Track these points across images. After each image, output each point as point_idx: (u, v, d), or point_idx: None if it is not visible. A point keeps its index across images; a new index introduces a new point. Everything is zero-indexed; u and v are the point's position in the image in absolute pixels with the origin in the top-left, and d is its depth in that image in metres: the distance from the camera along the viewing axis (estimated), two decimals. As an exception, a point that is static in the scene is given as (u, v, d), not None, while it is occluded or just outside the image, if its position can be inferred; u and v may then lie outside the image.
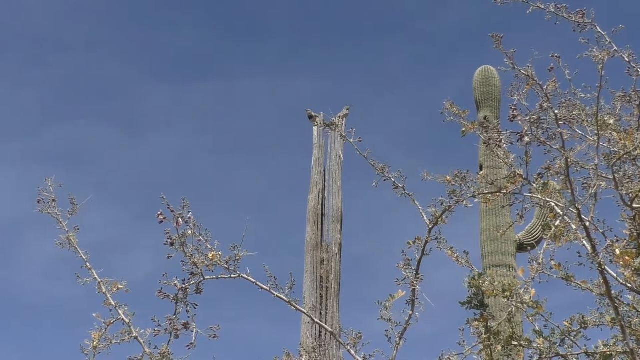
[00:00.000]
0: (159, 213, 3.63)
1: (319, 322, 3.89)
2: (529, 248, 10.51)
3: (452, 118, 4.42)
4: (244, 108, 24.02)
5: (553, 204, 3.78)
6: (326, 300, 9.00)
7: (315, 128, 10.64)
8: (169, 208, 3.65)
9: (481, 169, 11.04)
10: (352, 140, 3.87)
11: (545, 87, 3.48)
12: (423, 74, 24.52)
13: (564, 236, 3.83)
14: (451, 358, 3.51)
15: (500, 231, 6.34)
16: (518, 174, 3.86)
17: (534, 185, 3.74)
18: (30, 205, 4.14)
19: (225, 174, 23.35)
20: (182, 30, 23.60)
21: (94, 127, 23.23)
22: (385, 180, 3.77)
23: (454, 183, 3.86)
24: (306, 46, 24.60)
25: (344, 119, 9.47)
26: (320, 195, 10.03)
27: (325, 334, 8.54)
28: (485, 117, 10.99)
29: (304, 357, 6.43)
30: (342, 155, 10.44)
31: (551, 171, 3.59)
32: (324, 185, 10.19)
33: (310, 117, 10.50)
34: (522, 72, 3.50)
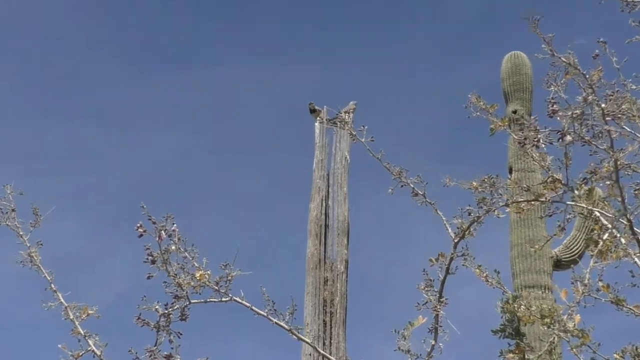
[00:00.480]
0: (139, 225, 3.63)
1: (325, 354, 3.89)
2: (569, 265, 10.50)
3: (478, 114, 4.43)
4: (229, 101, 24.01)
5: (599, 213, 3.79)
6: (330, 328, 8.98)
7: (317, 125, 10.63)
8: (150, 219, 3.66)
9: (511, 172, 11.05)
10: (363, 140, 3.88)
11: (590, 76, 3.49)
12: (441, 63, 24.53)
13: (612, 252, 3.83)
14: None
15: (536, 246, 6.32)
16: (556, 179, 3.86)
17: (576, 192, 3.74)
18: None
19: (213, 177, 23.34)
20: (155, 11, 23.63)
21: (61, 126, 23.24)
22: (402, 186, 3.78)
23: (481, 189, 3.86)
24: (303, 29, 24.63)
25: (351, 114, 9.46)
26: (324, 204, 10.01)
27: (329, 367, 8.53)
28: (514, 111, 11.00)
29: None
30: (348, 157, 10.43)
31: (597, 175, 3.59)
32: (328, 191, 10.17)
33: (313, 110, 10.49)
34: (563, 59, 3.51)
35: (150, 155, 23.31)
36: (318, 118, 10.69)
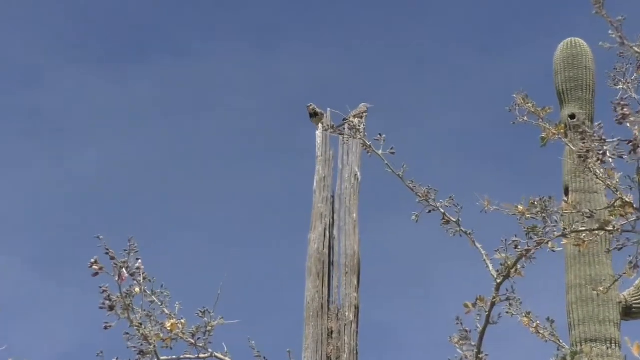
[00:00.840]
0: (93, 261, 3.67)
1: None
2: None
3: (525, 119, 4.48)
4: (203, 99, 24.07)
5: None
6: (336, 395, 9.01)
7: (318, 133, 10.66)
8: (107, 253, 3.69)
9: (567, 194, 11.08)
10: (380, 152, 3.91)
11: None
12: (476, 55, 24.60)
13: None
14: None
15: (600, 288, 6.39)
16: (627, 202, 3.89)
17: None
18: None
19: (184, 197, 23.37)
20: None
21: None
22: (430, 211, 3.81)
23: (530, 216, 3.89)
24: (302, 13, 24.72)
25: (363, 119, 9.48)
26: (327, 234, 10.03)
27: None
28: (572, 116, 11.03)
29: None
30: (359, 174, 10.45)
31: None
32: (333, 218, 10.20)
33: (314, 114, 10.53)
34: (635, 48, 3.55)
35: (101, 168, 23.35)
36: (320, 124, 10.72)
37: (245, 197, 23.28)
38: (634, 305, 10.61)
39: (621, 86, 3.77)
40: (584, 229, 3.76)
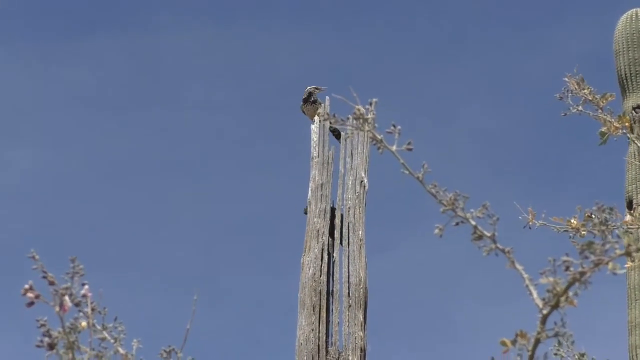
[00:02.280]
0: (27, 287, 3.67)
1: None
2: None
3: (579, 109, 4.51)
4: (168, 88, 24.13)
5: None
6: None
7: (314, 127, 10.68)
8: (45, 277, 3.70)
9: (630, 207, 11.14)
10: (394, 148, 3.92)
11: None
12: (507, 34, 24.66)
13: None
14: None
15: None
16: None
17: None
18: None
19: (140, 218, 23.40)
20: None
21: None
22: (458, 223, 3.81)
23: (586, 231, 3.92)
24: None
25: (372, 109, 9.45)
26: (326, 257, 10.08)
27: None
28: (637, 107, 11.08)
29: None
30: (366, 180, 10.48)
31: None
32: (333, 236, 10.24)
33: (312, 101, 10.56)
34: None
35: (34, 173, 23.39)
36: (317, 116, 10.74)
37: (220, 210, 23.33)
38: None
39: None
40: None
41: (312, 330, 9.59)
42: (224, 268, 22.34)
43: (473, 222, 3.81)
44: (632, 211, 10.80)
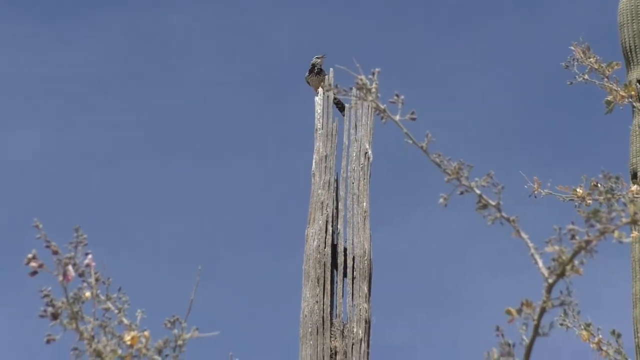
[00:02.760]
0: (31, 256, 3.68)
1: None
2: None
3: (585, 77, 4.50)
4: (173, 63, 24.07)
5: None
6: None
7: (318, 99, 10.67)
8: (48, 247, 3.71)
9: (635, 178, 11.12)
10: (397, 118, 3.92)
11: None
12: (515, 6, 24.59)
13: None
14: None
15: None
16: None
17: None
18: None
19: (144, 192, 23.40)
20: None
21: None
22: (462, 192, 3.81)
23: (593, 199, 3.91)
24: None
25: (375, 79, 9.38)
26: (330, 228, 10.07)
27: None
28: (641, 80, 11.06)
29: None
30: (371, 152, 10.47)
31: None
32: (337, 208, 10.24)
33: (316, 72, 10.55)
34: None
35: (39, 150, 23.38)
36: (321, 88, 10.72)
37: (225, 182, 23.31)
38: None
39: None
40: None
41: (317, 302, 9.58)
42: (229, 241, 22.34)
43: (478, 191, 3.80)
44: (635, 182, 10.80)
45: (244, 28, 24.44)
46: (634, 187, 4.12)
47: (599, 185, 3.96)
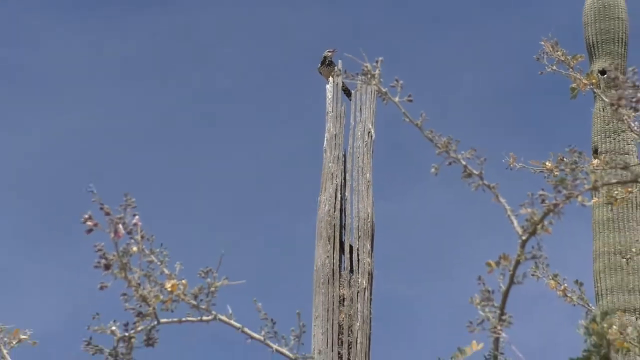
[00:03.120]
0: (87, 216, 3.64)
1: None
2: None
3: (554, 68, 4.44)
4: (204, 56, 24.01)
5: None
6: (348, 362, 9.02)
7: (328, 87, 10.63)
8: (101, 209, 3.67)
9: (596, 154, 11.06)
10: (397, 99, 3.87)
11: None
12: (495, 5, 24.51)
13: None
14: None
15: (630, 253, 6.39)
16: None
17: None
18: None
19: (181, 164, 23.38)
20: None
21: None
22: (450, 163, 3.77)
23: (559, 171, 3.87)
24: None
25: (378, 67, 9.34)
26: (339, 196, 10.04)
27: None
28: (602, 72, 10.98)
29: None
30: (373, 131, 10.43)
31: None
32: (344, 179, 10.21)
33: (327, 64, 10.51)
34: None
35: (90, 130, 23.34)
36: (331, 77, 10.68)
37: (250, 156, 23.30)
38: (666, 274, 10.64)
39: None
40: (616, 181, 3.73)
41: (328, 257, 9.56)
42: (255, 206, 22.33)
43: (463, 162, 3.77)
44: (595, 158, 10.75)
45: (269, 26, 24.37)
46: (595, 161, 4.06)
47: (565, 159, 3.90)
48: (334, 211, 9.85)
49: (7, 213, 22.13)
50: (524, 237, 3.65)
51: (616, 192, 4.00)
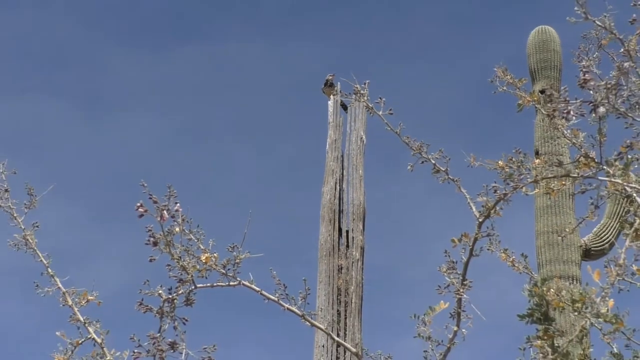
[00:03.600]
0: (139, 204, 3.61)
1: (340, 341, 3.88)
2: (599, 255, 10.45)
3: (504, 88, 4.40)
4: (236, 79, 23.96)
5: (634, 192, 3.74)
6: (345, 318, 8.97)
7: (330, 103, 10.60)
8: (151, 198, 3.64)
9: (537, 155, 10.98)
10: (380, 113, 3.85)
11: (627, 42, 3.44)
12: (462, 39, 24.45)
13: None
14: (508, 385, 3.47)
15: (566, 229, 6.26)
16: (590, 157, 3.82)
17: (611, 170, 3.70)
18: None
19: (216, 163, 23.35)
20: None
21: (44, 104, 23.20)
22: (423, 162, 3.75)
23: (508, 168, 3.84)
24: (313, 5, 24.56)
25: (366, 87, 9.35)
26: (338, 187, 10.00)
27: (344, 359, 8.52)
28: (542, 91, 10.92)
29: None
30: (364, 137, 10.40)
31: (634, 149, 3.55)
32: (342, 174, 10.17)
33: (330, 84, 10.49)
34: (598, 23, 3.46)
35: (143, 136, 23.31)
36: (332, 95, 10.67)
37: (270, 157, 23.28)
38: (592, 249, 10.57)
39: (584, 62, 3.69)
40: (552, 175, 3.70)
41: (329, 235, 9.52)
42: (272, 195, 22.32)
43: (433, 161, 3.75)
44: (538, 156, 10.72)
45: (283, 57, 24.35)
46: (537, 160, 4.02)
47: (513, 158, 3.87)
48: (334, 199, 9.81)
49: (87, 200, 22.16)
50: (480, 220, 3.63)
51: (553, 184, 3.96)
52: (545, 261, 10.31)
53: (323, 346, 8.61)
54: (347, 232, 9.69)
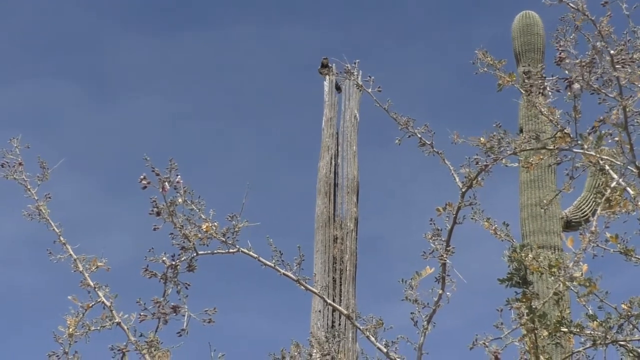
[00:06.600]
0: (142, 177, 3.61)
1: (335, 305, 3.89)
2: (579, 226, 10.46)
3: (485, 69, 4.40)
4: (236, 62, 23.91)
5: (607, 165, 3.75)
6: (340, 285, 9.00)
7: (326, 83, 10.58)
8: (153, 171, 3.64)
9: (521, 132, 10.98)
10: (370, 90, 3.84)
11: (599, 23, 3.43)
12: (450, 22, 24.38)
13: (620, 205, 3.79)
14: (487, 343, 3.49)
15: (544, 200, 6.26)
16: (565, 132, 3.83)
17: (586, 144, 3.70)
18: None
19: (218, 140, 23.33)
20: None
21: (57, 87, 23.15)
22: (409, 136, 3.75)
23: (490, 145, 3.84)
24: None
25: (356, 67, 9.28)
26: (333, 162, 10.01)
27: (339, 324, 8.55)
28: (526, 72, 10.90)
29: (316, 348, 6.44)
30: (358, 115, 10.38)
31: (606, 123, 3.55)
32: (337, 150, 10.16)
33: (325, 65, 10.47)
34: (571, 5, 3.45)
35: (150, 116, 23.29)
36: (327, 76, 10.65)
37: (267, 137, 23.28)
38: (572, 220, 10.61)
39: (561, 43, 3.68)
40: (529, 148, 3.70)
41: (325, 207, 9.54)
42: (272, 169, 22.35)
43: (419, 135, 3.75)
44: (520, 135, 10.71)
45: (281, 40, 24.29)
46: (521, 136, 4.03)
47: (494, 133, 3.87)
48: (330, 173, 9.82)
49: (99, 175, 22.19)
50: (463, 190, 3.64)
51: (531, 159, 3.96)
52: (529, 232, 10.34)
53: (320, 311, 8.63)
54: (342, 204, 9.72)
